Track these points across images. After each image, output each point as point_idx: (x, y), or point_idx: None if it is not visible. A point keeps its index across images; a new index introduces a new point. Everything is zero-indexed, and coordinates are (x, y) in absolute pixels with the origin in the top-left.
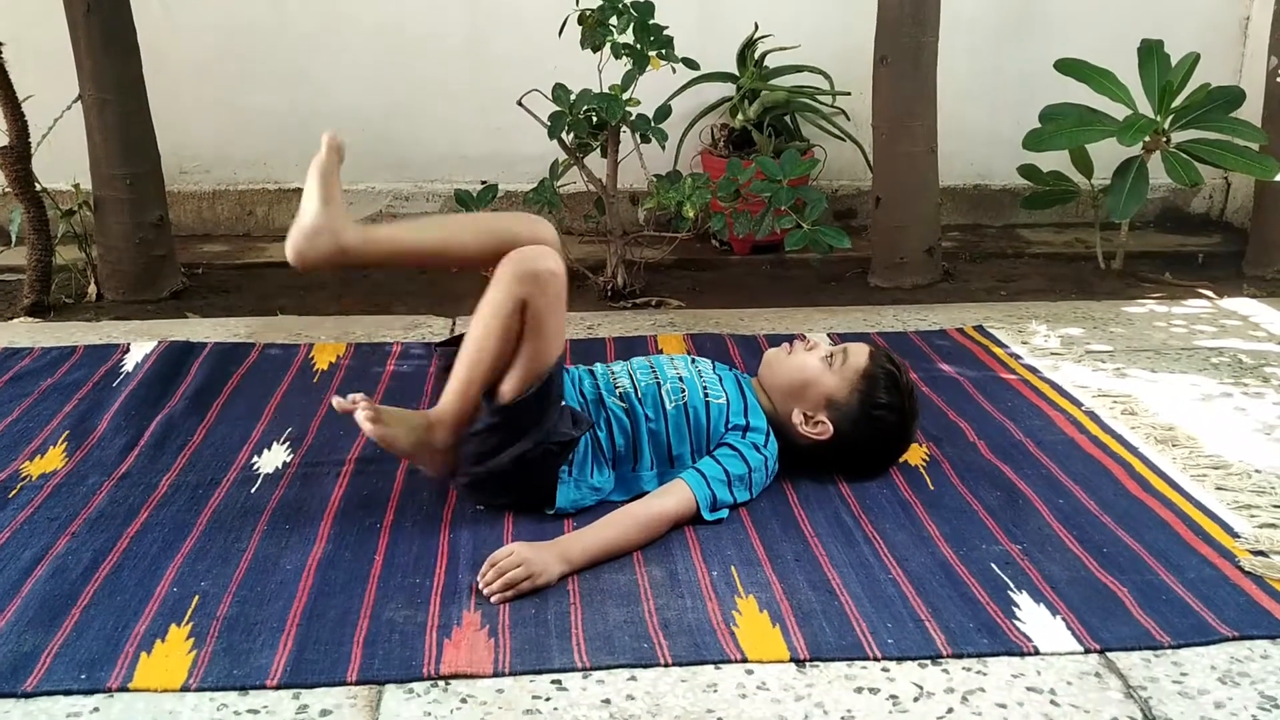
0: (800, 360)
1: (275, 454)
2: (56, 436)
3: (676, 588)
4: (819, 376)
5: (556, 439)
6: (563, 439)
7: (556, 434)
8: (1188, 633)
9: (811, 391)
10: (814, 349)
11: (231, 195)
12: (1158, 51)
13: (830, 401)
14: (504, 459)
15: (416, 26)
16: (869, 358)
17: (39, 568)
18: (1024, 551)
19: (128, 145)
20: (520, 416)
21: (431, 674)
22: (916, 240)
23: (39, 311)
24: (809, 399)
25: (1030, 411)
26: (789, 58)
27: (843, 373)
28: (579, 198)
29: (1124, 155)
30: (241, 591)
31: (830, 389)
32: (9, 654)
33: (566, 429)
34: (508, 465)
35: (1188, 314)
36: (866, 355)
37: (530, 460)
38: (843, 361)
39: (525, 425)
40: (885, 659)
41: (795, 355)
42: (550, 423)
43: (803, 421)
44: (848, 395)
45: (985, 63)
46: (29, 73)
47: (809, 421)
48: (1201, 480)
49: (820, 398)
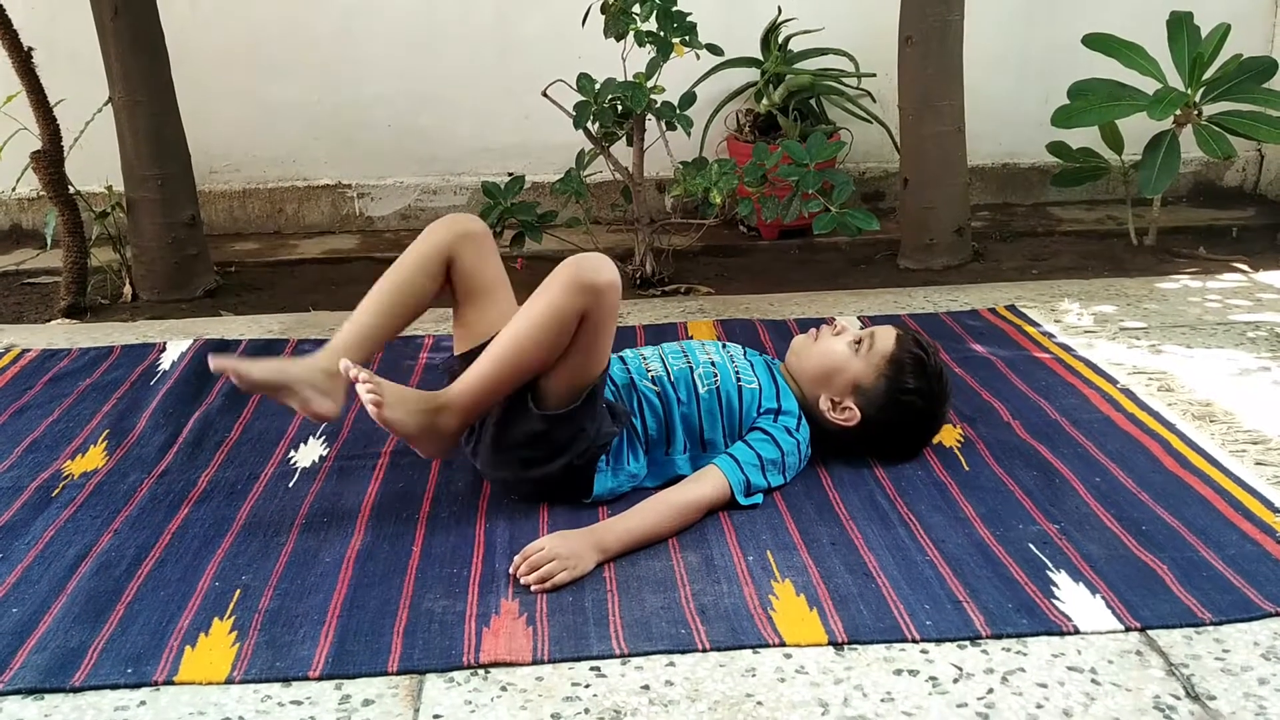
0: (826, 346)
1: (312, 448)
2: (97, 435)
3: (713, 573)
4: (845, 363)
5: (602, 441)
6: (607, 439)
7: (601, 438)
8: (1229, 609)
9: (838, 378)
10: (841, 334)
11: (262, 193)
12: (1187, 23)
13: (857, 387)
14: (554, 467)
15: (443, 17)
16: (896, 342)
17: (84, 565)
18: (1062, 531)
19: (158, 146)
20: (568, 424)
21: (471, 662)
22: (946, 221)
23: (76, 313)
24: (835, 385)
25: (1065, 390)
26: (813, 41)
27: (869, 359)
28: (606, 186)
29: (1155, 130)
30: (282, 584)
31: (857, 375)
32: (57, 650)
33: (609, 428)
34: (557, 472)
35: (1223, 288)
36: (893, 340)
37: (576, 462)
38: (869, 347)
39: (573, 433)
40: (924, 641)
41: (822, 341)
42: (595, 426)
43: (830, 408)
44: (874, 381)
45: (1011, 39)
46: (59, 77)
47: (836, 408)
48: (1240, 455)
49: (847, 384)
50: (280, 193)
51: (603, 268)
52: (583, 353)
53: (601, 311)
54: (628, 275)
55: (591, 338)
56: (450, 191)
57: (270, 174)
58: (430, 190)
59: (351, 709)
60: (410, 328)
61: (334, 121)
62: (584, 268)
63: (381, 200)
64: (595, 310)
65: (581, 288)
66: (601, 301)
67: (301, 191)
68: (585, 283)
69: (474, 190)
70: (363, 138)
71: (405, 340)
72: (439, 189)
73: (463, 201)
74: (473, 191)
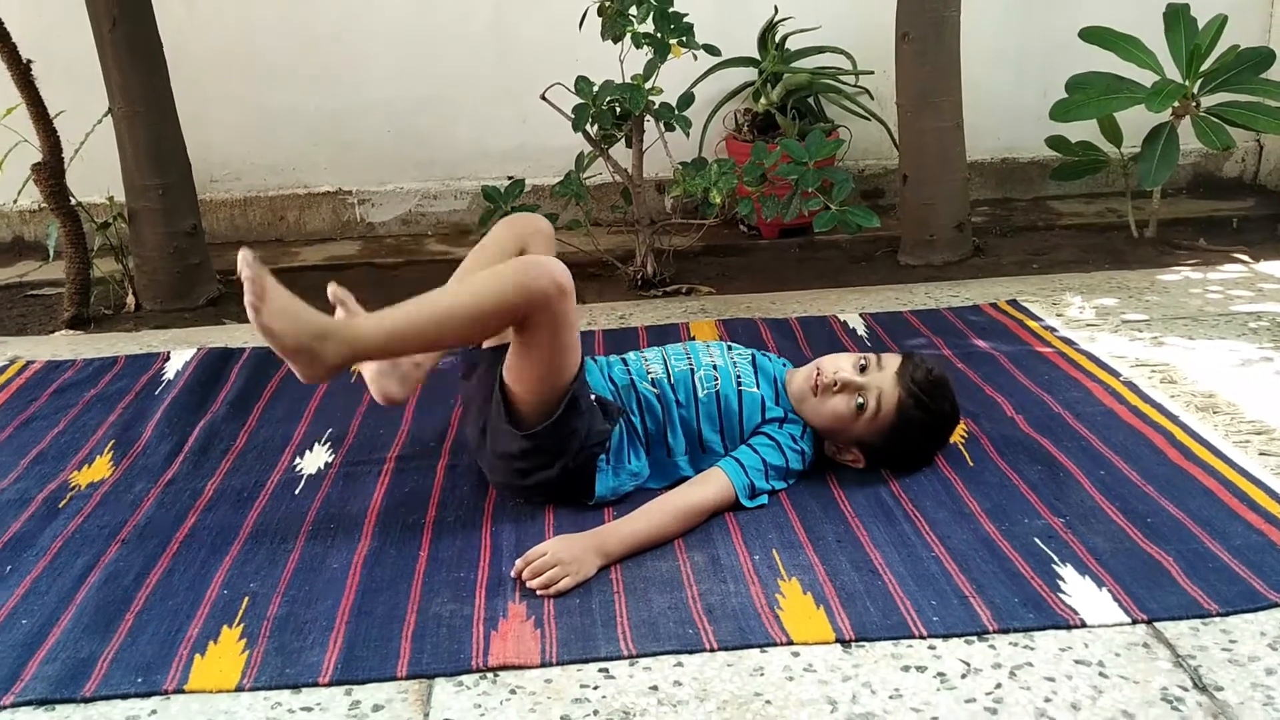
0: (827, 409)
1: (317, 455)
2: (103, 446)
3: (719, 573)
4: (848, 427)
5: (595, 440)
6: (600, 438)
7: (594, 436)
8: (1236, 600)
9: (842, 436)
10: (841, 391)
11: (262, 201)
12: (1184, 15)
13: (861, 443)
14: (552, 472)
15: (440, 21)
16: (898, 407)
17: (92, 575)
18: (1067, 524)
19: (158, 156)
20: (554, 435)
21: (480, 666)
22: (946, 216)
23: (79, 324)
24: (837, 439)
25: (1068, 384)
26: (810, 39)
27: (874, 424)
28: (606, 188)
29: (1153, 122)
30: (290, 591)
31: (860, 435)
32: (67, 660)
33: (601, 426)
34: (556, 475)
35: (1224, 279)
36: (896, 401)
37: (572, 465)
38: (875, 411)
39: (562, 438)
40: (931, 637)
41: (824, 402)
42: (584, 428)
43: (835, 452)
44: (881, 438)
45: (1009, 34)
46: (59, 89)
47: (841, 452)
48: (1244, 446)
49: (850, 441)
50: (281, 200)
51: (552, 272)
52: (547, 360)
53: (552, 316)
54: (629, 277)
55: (551, 344)
56: (450, 196)
57: (271, 182)
58: (430, 195)
59: (361, 714)
60: None
61: (333, 128)
62: (529, 273)
63: (382, 206)
64: (546, 315)
65: (522, 290)
66: (549, 307)
67: (302, 199)
68: (528, 286)
69: (474, 194)
70: (362, 144)
71: None
72: (439, 194)
73: (463, 206)
74: (473, 196)
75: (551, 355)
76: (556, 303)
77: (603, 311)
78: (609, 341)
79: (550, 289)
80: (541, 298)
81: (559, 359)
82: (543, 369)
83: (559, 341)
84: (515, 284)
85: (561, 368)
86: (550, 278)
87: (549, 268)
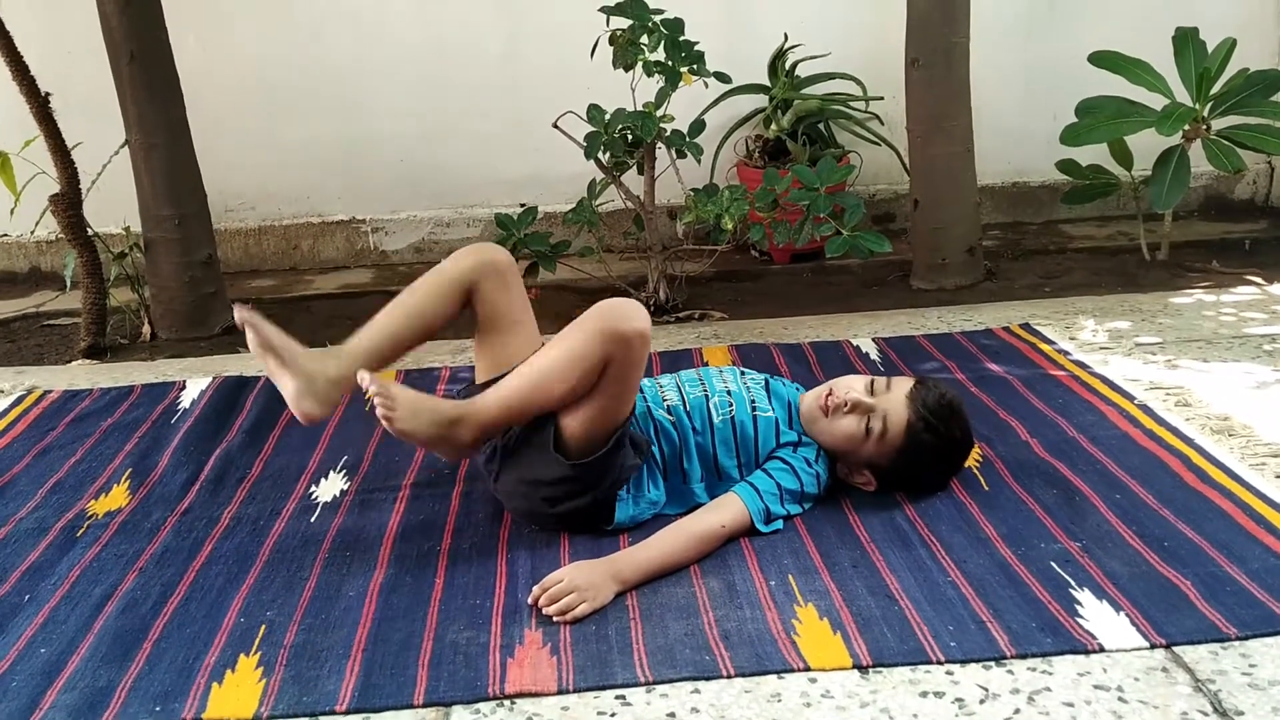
0: (837, 430)
1: (333, 482)
2: (119, 475)
3: (735, 599)
4: (857, 448)
5: (626, 475)
6: (631, 473)
7: (626, 470)
8: (1255, 624)
9: (851, 457)
10: (851, 411)
11: (277, 230)
12: (1193, 39)
13: (871, 465)
14: (581, 503)
15: (452, 52)
16: (906, 430)
17: (110, 604)
18: (1084, 549)
19: (175, 187)
20: (595, 470)
21: (497, 693)
22: (957, 241)
23: (96, 353)
24: (848, 461)
25: (1082, 407)
26: (820, 66)
27: (882, 445)
28: (618, 215)
29: (1164, 145)
30: (307, 619)
31: (869, 457)
32: (85, 690)
33: (632, 461)
34: (584, 506)
35: (1237, 301)
36: (904, 425)
37: (600, 496)
38: (881, 433)
39: (599, 476)
40: (949, 662)
41: (834, 421)
42: (620, 463)
43: (847, 474)
44: (890, 461)
45: (1017, 59)
46: (76, 120)
47: (853, 474)
48: (1260, 469)
49: (860, 463)
50: (295, 229)
51: (633, 316)
52: (609, 398)
53: (629, 360)
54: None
55: (618, 385)
56: (463, 224)
57: (285, 211)
58: (443, 223)
59: None
60: (428, 360)
61: (347, 158)
62: (613, 316)
63: (395, 234)
64: (621, 358)
65: (608, 336)
66: (629, 350)
67: (316, 227)
68: (612, 331)
69: (487, 222)
70: (376, 173)
71: (422, 372)
72: (452, 221)
73: (476, 233)
74: (486, 223)
75: (617, 395)
76: (637, 349)
77: None
78: None
79: (633, 336)
80: (625, 344)
81: (622, 399)
82: (604, 406)
83: (627, 384)
84: (601, 332)
85: (621, 407)
86: (635, 327)
87: (634, 317)
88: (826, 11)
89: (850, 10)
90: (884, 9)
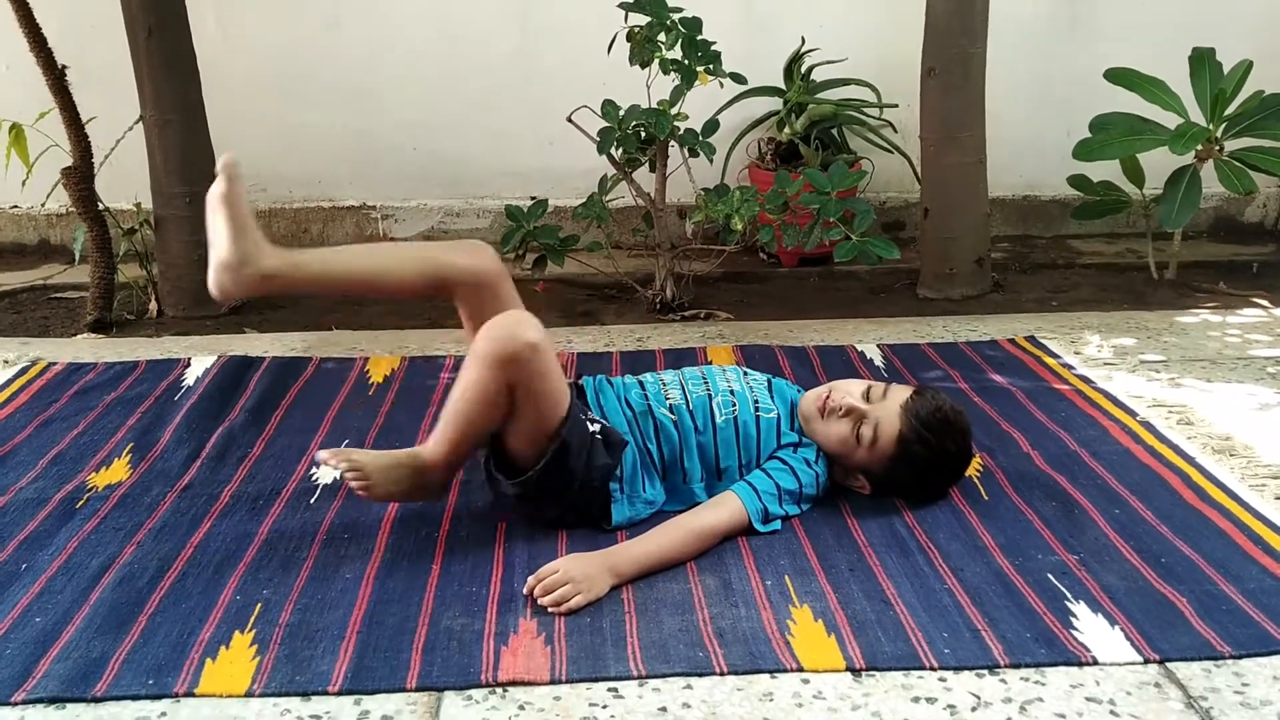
0: (832, 433)
1: None
2: (121, 449)
3: (731, 597)
4: (849, 454)
5: (597, 476)
6: (602, 473)
7: (595, 470)
8: (1249, 643)
9: (845, 461)
10: (845, 416)
11: (287, 213)
12: (1209, 59)
13: (864, 471)
14: (555, 513)
15: (468, 42)
16: (898, 440)
17: (106, 576)
18: (1081, 561)
19: (187, 165)
20: (548, 478)
21: (489, 681)
22: (966, 251)
23: (102, 328)
24: (843, 464)
25: (1084, 422)
26: (836, 71)
27: (873, 452)
28: (628, 212)
29: (1176, 164)
30: (303, 599)
31: (860, 464)
32: (79, 660)
33: (603, 460)
34: (566, 512)
35: (1243, 323)
36: (896, 435)
37: (579, 500)
38: (872, 440)
39: (557, 481)
40: (942, 669)
41: (828, 425)
42: (581, 467)
43: (842, 476)
44: (881, 468)
45: (1033, 72)
46: (91, 95)
47: (847, 476)
48: (1260, 490)
49: (854, 468)
50: (305, 213)
51: (516, 332)
52: (532, 411)
53: (531, 372)
54: (648, 300)
55: (534, 398)
56: (473, 214)
57: (296, 194)
58: (453, 213)
59: None
60: (433, 348)
61: (359, 144)
62: (499, 336)
63: (405, 222)
64: (523, 374)
65: (498, 361)
66: (524, 365)
67: (326, 212)
68: (499, 355)
69: (496, 213)
70: (387, 160)
71: (427, 359)
72: (462, 211)
73: (485, 224)
74: (495, 214)
75: (536, 406)
76: (533, 360)
77: (621, 333)
78: (626, 362)
79: (522, 350)
80: (515, 362)
81: (543, 408)
82: (529, 420)
83: (544, 393)
84: (489, 358)
85: (546, 415)
86: (519, 340)
87: (518, 334)
88: (844, 17)
89: (868, 17)
90: (902, 17)
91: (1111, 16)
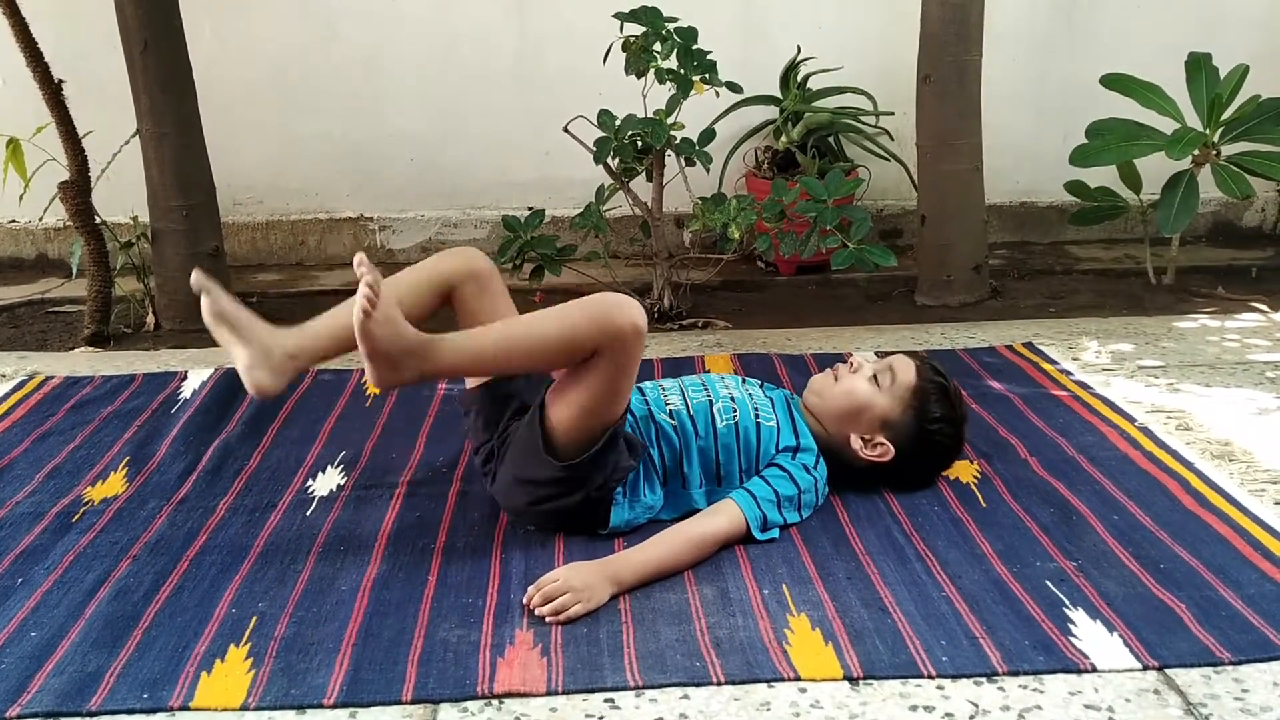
0: (849, 385)
1: (330, 477)
2: (117, 462)
3: (728, 606)
4: (871, 399)
5: (619, 476)
6: (624, 474)
7: (619, 471)
8: (1249, 649)
9: (865, 415)
10: (859, 370)
11: (284, 225)
12: (1205, 64)
13: (886, 422)
14: (571, 501)
15: (465, 54)
16: (916, 373)
17: (102, 590)
18: (1079, 568)
19: (184, 178)
20: (585, 470)
21: (485, 693)
22: (963, 258)
23: (99, 341)
24: (863, 423)
25: (1082, 428)
26: (832, 79)
27: (893, 392)
28: (625, 221)
29: (1173, 169)
30: (298, 612)
31: (884, 410)
32: (74, 674)
33: (626, 462)
34: (574, 506)
35: (1241, 328)
36: (914, 371)
37: (594, 499)
38: (891, 381)
39: (590, 472)
40: (940, 677)
41: (843, 380)
42: (613, 464)
43: (862, 446)
44: (902, 414)
45: (1029, 78)
46: (88, 109)
47: (869, 445)
48: (1259, 495)
49: (875, 420)
50: (303, 225)
51: (634, 312)
52: (603, 395)
53: (622, 354)
54: (646, 309)
55: (612, 381)
56: (471, 225)
57: (293, 206)
58: (451, 224)
59: None
60: None
61: (356, 155)
62: (615, 306)
63: (403, 233)
64: (615, 351)
65: (605, 325)
66: (623, 344)
67: (324, 224)
68: (610, 321)
69: (494, 224)
70: (385, 171)
71: None
72: (459, 222)
73: (483, 235)
74: (493, 225)
75: (609, 392)
76: (631, 344)
77: None
78: None
79: (628, 329)
80: (618, 336)
81: (615, 397)
82: (596, 403)
83: (619, 381)
84: (594, 318)
85: (614, 406)
86: (630, 318)
87: (630, 309)
88: (840, 25)
89: (864, 25)
90: (897, 25)
91: (1107, 22)
